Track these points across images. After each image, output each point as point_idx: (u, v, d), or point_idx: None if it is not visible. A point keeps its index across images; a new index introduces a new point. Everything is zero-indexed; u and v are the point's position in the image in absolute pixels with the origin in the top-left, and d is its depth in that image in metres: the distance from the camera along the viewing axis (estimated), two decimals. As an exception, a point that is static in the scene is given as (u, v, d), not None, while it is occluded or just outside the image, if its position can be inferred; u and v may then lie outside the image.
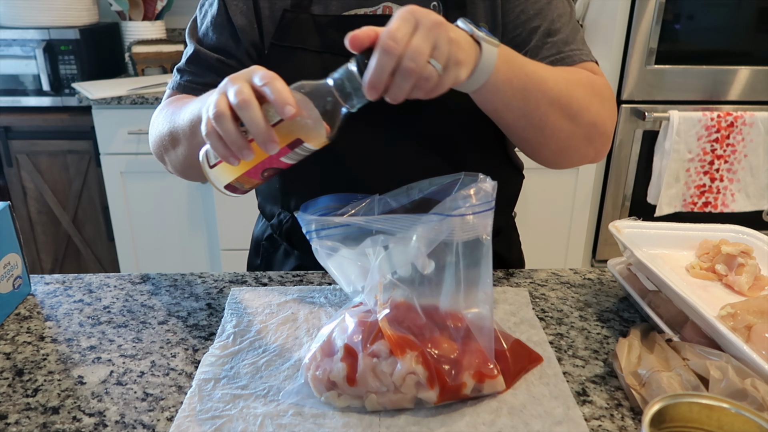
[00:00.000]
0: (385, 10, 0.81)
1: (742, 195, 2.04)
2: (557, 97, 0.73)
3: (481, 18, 0.82)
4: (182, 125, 0.76)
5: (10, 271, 0.77)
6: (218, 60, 0.85)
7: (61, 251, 2.33)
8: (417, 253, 0.60)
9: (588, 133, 0.78)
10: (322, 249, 0.64)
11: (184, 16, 2.55)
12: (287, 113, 0.54)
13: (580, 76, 0.78)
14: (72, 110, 2.16)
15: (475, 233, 0.60)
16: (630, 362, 0.62)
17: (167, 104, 0.85)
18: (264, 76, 0.57)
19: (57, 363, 0.67)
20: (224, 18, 0.84)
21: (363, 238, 0.62)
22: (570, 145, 0.79)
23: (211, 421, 0.57)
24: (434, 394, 0.57)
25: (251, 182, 0.64)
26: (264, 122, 0.56)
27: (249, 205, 2.04)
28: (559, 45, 0.81)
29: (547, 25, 0.81)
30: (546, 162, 0.84)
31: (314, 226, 0.64)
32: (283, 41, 0.82)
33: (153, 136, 0.87)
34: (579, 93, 0.75)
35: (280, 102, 0.55)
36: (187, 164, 0.82)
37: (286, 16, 0.82)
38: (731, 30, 1.97)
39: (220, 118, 0.57)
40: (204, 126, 0.59)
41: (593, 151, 0.81)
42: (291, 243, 0.94)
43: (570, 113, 0.75)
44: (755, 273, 0.75)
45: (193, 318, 0.76)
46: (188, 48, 0.88)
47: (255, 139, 0.56)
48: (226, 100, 0.57)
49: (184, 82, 0.88)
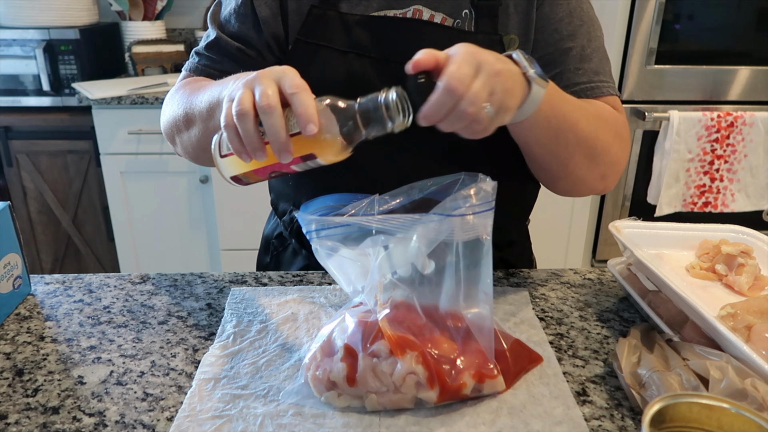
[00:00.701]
0: (415, 13, 0.81)
1: (742, 195, 2.04)
2: (585, 139, 0.76)
3: (513, 29, 0.82)
4: (200, 107, 0.74)
5: (10, 271, 0.77)
6: (238, 49, 0.84)
7: (61, 251, 2.33)
8: (417, 253, 0.60)
9: (604, 172, 0.82)
10: (322, 249, 0.64)
11: (184, 16, 2.55)
12: (309, 131, 0.55)
13: (606, 115, 0.80)
14: (72, 110, 2.16)
15: (475, 233, 0.60)
16: (630, 362, 0.62)
17: (183, 85, 0.84)
18: (293, 84, 0.56)
19: (57, 363, 0.67)
20: (248, 8, 0.83)
21: (363, 238, 0.62)
22: (585, 181, 0.82)
23: (211, 421, 0.57)
24: (434, 394, 0.57)
25: (257, 179, 0.64)
26: (284, 132, 0.56)
27: (249, 206, 2.05)
28: (590, 74, 0.82)
29: (579, 49, 0.82)
30: (556, 190, 0.87)
31: (314, 226, 0.64)
32: (309, 37, 0.81)
33: (166, 115, 0.85)
34: (604, 135, 0.79)
35: (304, 118, 0.55)
36: (200, 147, 0.80)
37: (313, 12, 0.81)
38: (731, 30, 1.97)
39: (242, 117, 0.56)
40: (224, 116, 0.58)
41: (603, 185, 0.85)
42: (301, 242, 0.94)
43: (593, 154, 0.78)
44: (755, 273, 0.75)
45: (193, 318, 0.76)
46: (209, 32, 0.87)
47: (271, 145, 0.56)
48: (252, 98, 0.56)
49: (201, 66, 0.86)
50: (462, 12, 0.81)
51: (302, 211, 0.67)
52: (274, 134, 0.55)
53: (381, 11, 0.81)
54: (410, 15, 0.81)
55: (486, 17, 0.81)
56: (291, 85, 0.56)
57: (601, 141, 0.78)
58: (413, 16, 0.81)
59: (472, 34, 0.81)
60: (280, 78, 0.57)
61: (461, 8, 0.81)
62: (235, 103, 0.57)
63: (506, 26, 0.81)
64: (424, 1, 0.80)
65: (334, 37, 0.81)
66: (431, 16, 0.81)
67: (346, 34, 0.80)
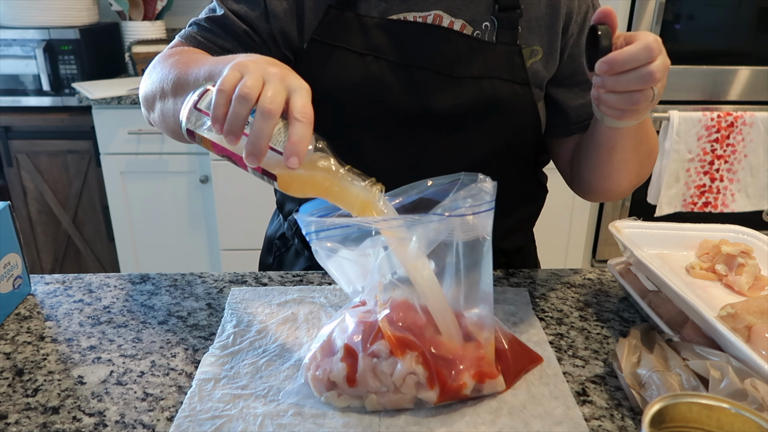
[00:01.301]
0: (435, 18, 0.80)
1: (742, 195, 2.04)
2: (652, 150, 0.84)
3: (536, 41, 0.82)
4: (196, 76, 0.68)
5: (10, 271, 0.77)
6: (245, 32, 0.81)
7: (61, 251, 2.33)
8: (417, 253, 0.60)
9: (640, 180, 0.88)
10: (321, 250, 0.64)
11: (184, 16, 2.55)
12: (290, 164, 0.53)
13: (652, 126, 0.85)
14: (72, 110, 2.16)
15: (475, 233, 0.60)
16: (630, 362, 0.62)
17: (176, 52, 0.78)
18: (303, 110, 0.54)
19: (57, 363, 0.67)
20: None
21: (363, 239, 0.62)
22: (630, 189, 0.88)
23: (211, 421, 0.57)
24: (434, 395, 0.57)
25: (209, 149, 0.61)
26: (266, 141, 0.54)
27: (249, 206, 2.05)
28: None
29: None
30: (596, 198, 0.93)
31: (314, 228, 0.64)
32: (325, 38, 0.80)
33: (152, 77, 0.78)
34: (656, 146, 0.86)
35: (293, 150, 0.53)
36: None
37: (330, 12, 0.80)
38: (731, 30, 1.97)
39: (242, 100, 0.53)
40: (225, 82, 0.55)
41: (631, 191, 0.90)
42: (304, 242, 0.94)
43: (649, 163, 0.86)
44: (755, 273, 0.75)
45: (193, 318, 0.76)
46: (214, 6, 0.83)
47: (247, 144, 0.54)
48: (259, 89, 0.54)
49: (200, 36, 0.83)
50: (483, 23, 0.81)
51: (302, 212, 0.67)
52: (257, 138, 0.53)
53: (400, 14, 0.80)
54: (430, 20, 0.80)
55: (507, 29, 0.81)
56: (301, 110, 0.54)
57: (654, 155, 0.85)
58: (433, 21, 0.80)
59: (491, 44, 0.81)
60: (294, 91, 0.55)
61: (483, 18, 0.80)
62: (243, 83, 0.54)
63: (528, 38, 0.82)
64: (445, 7, 0.80)
65: (351, 38, 0.80)
66: (451, 22, 0.80)
67: (363, 36, 0.80)
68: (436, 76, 0.80)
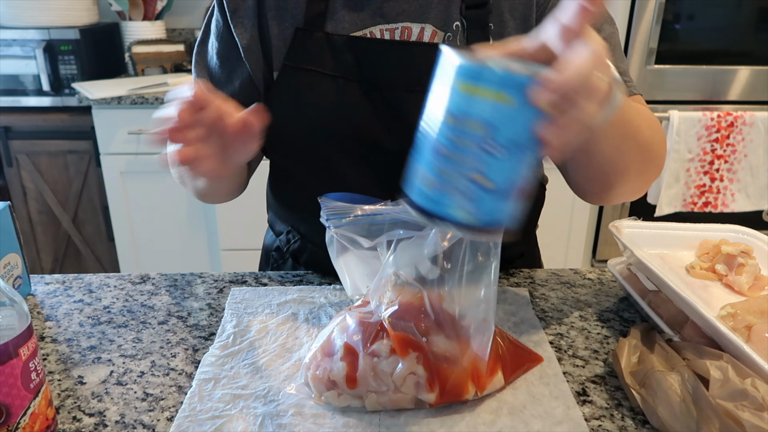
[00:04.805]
0: (403, 31, 0.77)
1: (742, 195, 2.04)
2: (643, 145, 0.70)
3: (511, 36, 0.76)
4: None
5: (10, 271, 0.77)
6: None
7: (61, 251, 2.33)
8: (435, 248, 0.59)
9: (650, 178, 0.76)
10: (337, 241, 0.63)
11: (184, 16, 2.55)
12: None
13: (654, 118, 0.74)
14: (72, 110, 2.16)
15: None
16: (630, 362, 0.62)
17: None
18: None
19: (57, 363, 0.67)
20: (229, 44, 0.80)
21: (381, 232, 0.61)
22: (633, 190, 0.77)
23: (211, 421, 0.57)
24: (434, 396, 0.57)
25: None
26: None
27: (249, 206, 2.04)
28: None
29: None
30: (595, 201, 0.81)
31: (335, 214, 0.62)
32: (296, 62, 0.77)
33: None
34: (658, 142, 0.73)
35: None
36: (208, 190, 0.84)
37: (298, 36, 0.77)
38: (731, 30, 1.97)
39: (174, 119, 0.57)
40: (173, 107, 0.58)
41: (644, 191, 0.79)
42: (297, 261, 0.93)
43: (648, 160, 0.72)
44: (755, 273, 0.75)
45: (193, 318, 0.76)
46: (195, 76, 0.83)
47: None
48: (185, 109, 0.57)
49: None
50: (453, 24, 0.77)
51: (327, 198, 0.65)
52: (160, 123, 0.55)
53: (367, 29, 0.77)
54: (398, 32, 0.77)
55: (477, 28, 0.77)
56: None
57: (655, 147, 0.72)
58: (402, 33, 0.77)
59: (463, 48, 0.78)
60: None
61: (452, 20, 0.77)
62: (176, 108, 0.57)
63: (502, 33, 0.77)
64: (413, 15, 0.76)
65: (323, 60, 0.76)
66: (421, 29, 0.77)
67: (333, 57, 0.76)
68: (409, 95, 0.75)
